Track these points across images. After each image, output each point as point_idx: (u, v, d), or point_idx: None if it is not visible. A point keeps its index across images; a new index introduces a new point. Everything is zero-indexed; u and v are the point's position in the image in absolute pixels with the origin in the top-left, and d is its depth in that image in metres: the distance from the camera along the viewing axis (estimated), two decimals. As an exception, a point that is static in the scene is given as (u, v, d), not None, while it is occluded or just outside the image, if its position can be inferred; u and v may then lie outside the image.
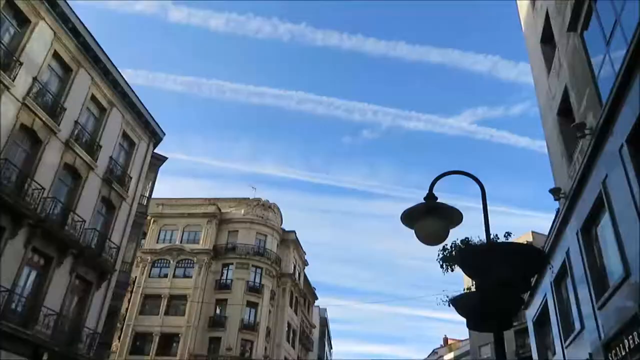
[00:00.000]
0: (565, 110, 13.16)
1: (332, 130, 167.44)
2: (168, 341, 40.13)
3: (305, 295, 57.10)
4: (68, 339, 18.51)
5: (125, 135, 23.46)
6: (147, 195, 27.39)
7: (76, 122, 19.59)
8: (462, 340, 69.16)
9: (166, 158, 29.08)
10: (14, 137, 16.50)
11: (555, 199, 13.46)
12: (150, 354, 39.25)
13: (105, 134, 21.54)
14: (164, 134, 26.48)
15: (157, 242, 44.52)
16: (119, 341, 39.04)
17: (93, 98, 20.95)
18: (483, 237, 5.05)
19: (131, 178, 23.59)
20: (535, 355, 18.45)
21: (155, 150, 26.87)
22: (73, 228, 18.83)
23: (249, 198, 48.90)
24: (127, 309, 39.47)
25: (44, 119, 17.57)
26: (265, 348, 42.48)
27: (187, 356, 38.40)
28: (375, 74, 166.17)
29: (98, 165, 20.82)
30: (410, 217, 5.23)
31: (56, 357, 17.42)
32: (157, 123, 25.80)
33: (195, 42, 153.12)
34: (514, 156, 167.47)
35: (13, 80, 16.20)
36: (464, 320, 5.13)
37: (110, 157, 21.96)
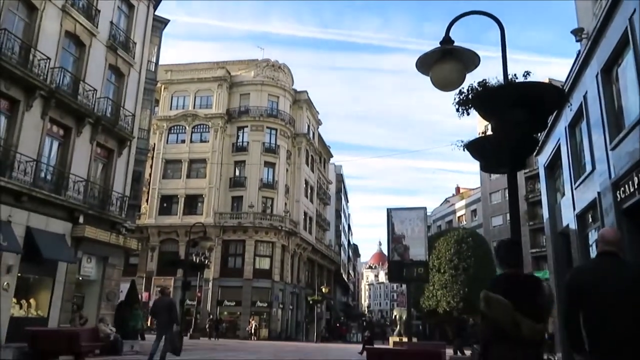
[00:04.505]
0: (596, -61, 11.96)
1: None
2: (193, 202, 42.48)
3: (321, 153, 58.50)
4: (99, 203, 19.64)
5: (122, -3, 22.28)
6: (154, 61, 26.87)
7: (69, -15, 18.50)
8: (473, 189, 71.86)
9: (168, 20, 27.97)
10: (8, 5, 15.78)
11: (577, 40, 12.87)
12: (178, 213, 41.84)
13: (101, -3, 20.45)
14: (163, -6, 25.09)
15: (171, 109, 44.83)
16: (147, 204, 41.43)
17: (82, -44, 19.50)
18: (501, 80, 4.92)
19: (135, 43, 22.90)
20: (544, 198, 19.18)
21: (155, 13, 25.71)
22: (86, 97, 18.85)
23: (257, 59, 47.80)
24: (150, 174, 41.20)
25: (34, -18, 16.59)
26: (285, 204, 44.86)
27: (212, 214, 40.87)
28: None
29: (100, 31, 20.11)
30: (425, 63, 5.08)
31: (90, 219, 18.66)
32: (153, -19, 24.30)
33: None
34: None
35: (-6, -60, 15.01)
36: (477, 169, 5.24)
37: (111, 22, 21.10)
